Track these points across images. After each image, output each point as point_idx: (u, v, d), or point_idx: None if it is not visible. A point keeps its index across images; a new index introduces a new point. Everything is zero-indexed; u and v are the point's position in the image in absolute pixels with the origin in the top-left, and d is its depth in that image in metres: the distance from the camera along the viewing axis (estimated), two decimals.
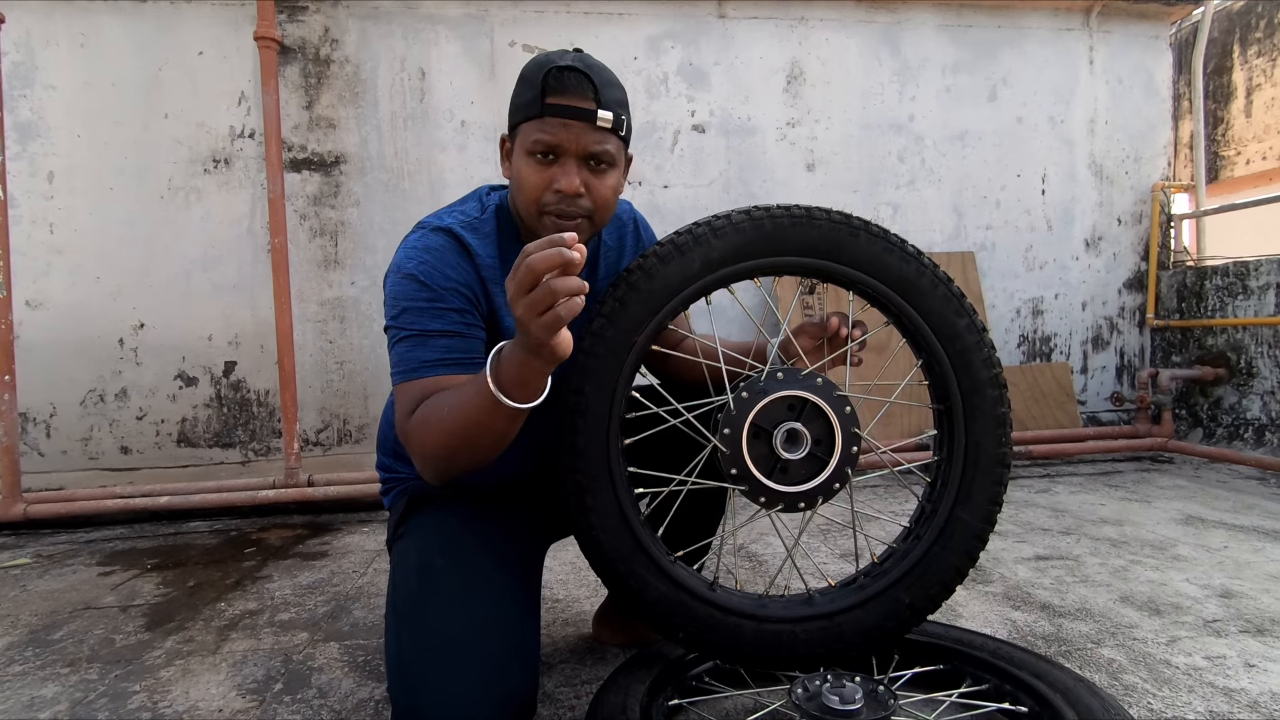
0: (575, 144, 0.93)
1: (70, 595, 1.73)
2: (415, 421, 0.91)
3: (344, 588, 1.73)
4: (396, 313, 0.97)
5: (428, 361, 0.94)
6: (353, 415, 2.76)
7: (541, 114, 0.92)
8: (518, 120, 0.96)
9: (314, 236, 2.72)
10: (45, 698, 1.22)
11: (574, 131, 0.92)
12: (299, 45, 2.70)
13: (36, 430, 2.58)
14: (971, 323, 1.04)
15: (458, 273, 0.98)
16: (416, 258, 0.97)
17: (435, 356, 0.95)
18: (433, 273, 0.96)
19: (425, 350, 0.94)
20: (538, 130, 0.93)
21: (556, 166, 0.94)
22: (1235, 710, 1.08)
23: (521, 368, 0.80)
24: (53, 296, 2.57)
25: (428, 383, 0.94)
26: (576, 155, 0.94)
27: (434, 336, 0.95)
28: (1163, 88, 3.34)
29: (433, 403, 0.90)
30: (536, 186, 0.95)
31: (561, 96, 0.92)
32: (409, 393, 0.94)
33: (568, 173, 0.93)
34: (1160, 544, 1.90)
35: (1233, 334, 3.04)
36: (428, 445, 0.89)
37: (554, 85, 0.92)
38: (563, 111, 0.92)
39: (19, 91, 2.54)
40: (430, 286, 0.95)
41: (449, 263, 0.97)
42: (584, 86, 0.92)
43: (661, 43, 2.94)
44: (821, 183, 3.07)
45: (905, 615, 1.04)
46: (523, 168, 0.96)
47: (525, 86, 0.95)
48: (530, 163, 0.95)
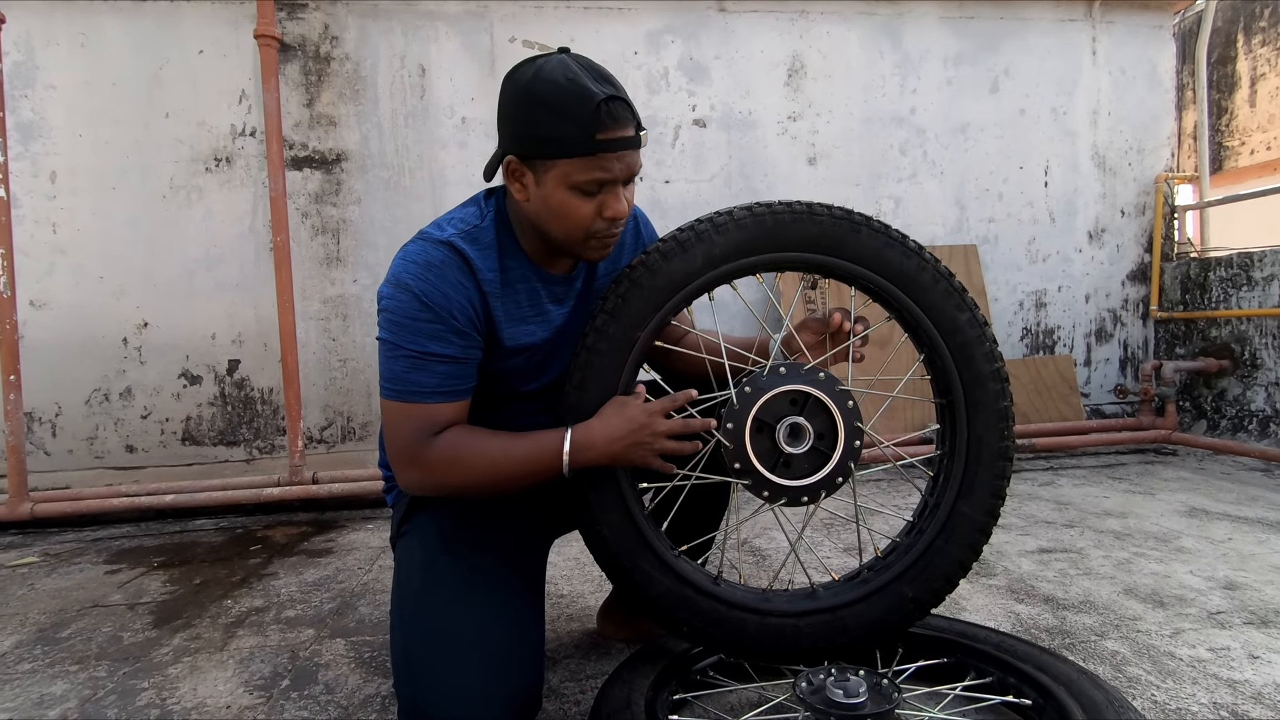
0: (625, 171, 0.93)
1: (78, 593, 1.74)
2: (443, 453, 0.95)
3: (349, 584, 1.74)
4: (395, 328, 0.95)
5: (426, 388, 0.95)
6: (356, 412, 2.77)
7: (594, 152, 0.89)
8: (556, 154, 0.91)
9: (316, 234, 2.73)
10: (54, 695, 1.23)
11: (625, 162, 0.93)
12: (299, 43, 2.69)
13: (42, 430, 2.59)
14: (973, 317, 1.04)
15: (458, 291, 0.96)
16: (417, 274, 0.95)
17: (434, 383, 0.95)
18: (433, 291, 0.94)
19: (424, 374, 0.95)
20: (591, 169, 0.91)
21: (605, 195, 0.94)
22: (1239, 702, 1.08)
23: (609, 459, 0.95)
24: (56, 296, 2.58)
25: (423, 409, 0.95)
26: (624, 180, 0.95)
27: (433, 361, 0.95)
28: (1166, 78, 3.32)
29: (471, 442, 0.96)
30: (587, 217, 0.94)
31: (612, 131, 0.89)
32: (406, 414, 0.95)
33: (618, 200, 0.94)
34: (1164, 536, 1.90)
35: (1237, 325, 3.03)
36: (460, 481, 0.96)
37: (607, 122, 0.89)
38: (617, 145, 0.90)
39: (20, 91, 2.54)
40: (431, 307, 0.94)
41: (449, 281, 0.96)
42: (626, 114, 0.91)
43: (661, 37, 2.93)
44: (823, 177, 3.06)
45: (909, 609, 1.04)
46: (566, 200, 0.93)
47: (560, 119, 0.89)
48: (576, 195, 0.93)
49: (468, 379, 0.99)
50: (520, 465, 0.95)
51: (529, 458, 0.94)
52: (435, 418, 0.96)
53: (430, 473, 0.96)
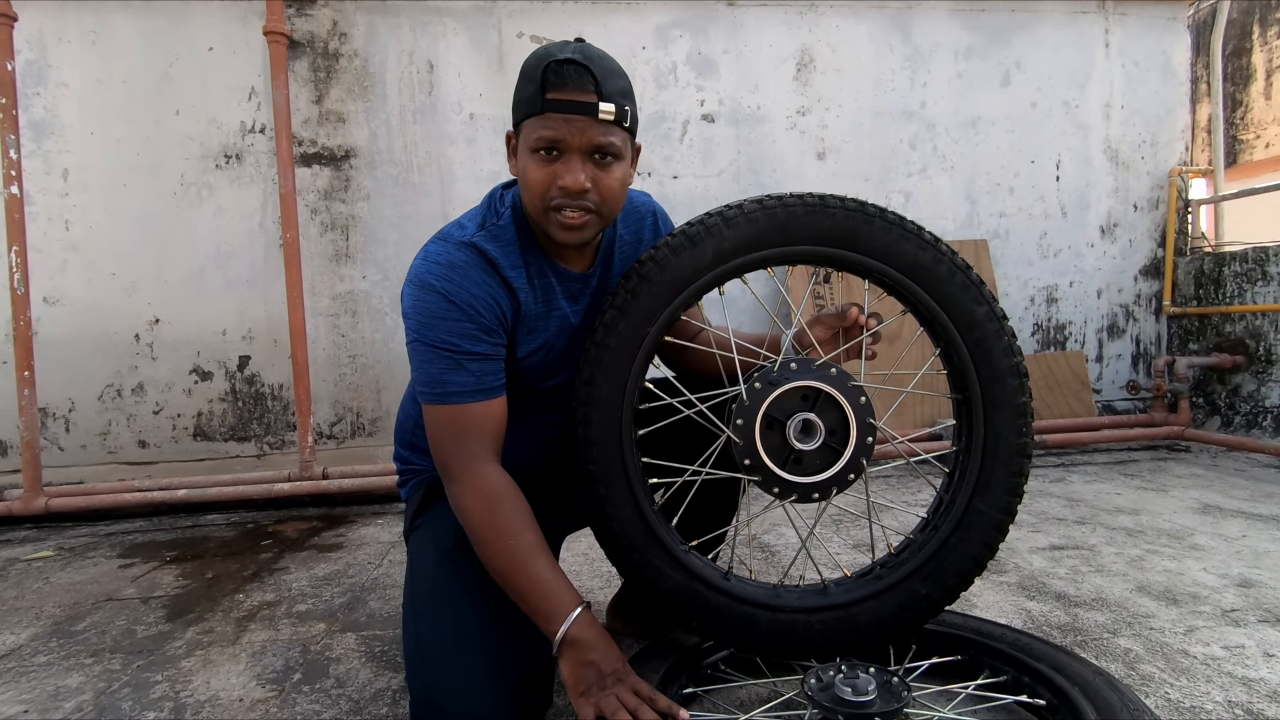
0: (579, 139, 0.90)
1: (92, 587, 1.76)
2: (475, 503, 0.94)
3: (360, 579, 1.75)
4: (425, 329, 0.95)
5: (465, 388, 0.95)
6: (366, 408, 2.78)
7: (543, 110, 0.90)
8: (520, 116, 0.94)
9: (325, 231, 2.73)
10: (70, 687, 1.24)
11: (577, 126, 0.90)
12: (308, 39, 2.70)
13: (56, 425, 2.61)
14: (991, 310, 1.02)
15: (483, 290, 0.96)
16: (441, 274, 0.95)
17: (471, 383, 0.95)
18: (459, 291, 0.94)
19: (460, 374, 0.95)
20: (540, 127, 0.90)
21: (560, 163, 0.92)
22: (1254, 700, 1.07)
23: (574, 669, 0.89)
24: (69, 293, 2.60)
25: (464, 410, 0.95)
26: (580, 150, 0.91)
27: (468, 359, 0.95)
28: (1180, 70, 3.28)
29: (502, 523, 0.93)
30: (541, 184, 0.93)
31: (562, 91, 0.89)
32: (448, 417, 0.95)
33: (572, 169, 0.91)
34: (1177, 533, 1.88)
35: (1251, 321, 3.00)
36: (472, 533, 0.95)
37: (554, 80, 0.89)
38: (564, 106, 0.89)
39: (33, 89, 2.56)
40: (458, 305, 0.94)
41: (474, 280, 0.96)
42: (584, 79, 0.89)
43: (670, 32, 2.92)
44: (832, 171, 3.04)
45: (922, 606, 1.03)
46: (527, 165, 0.93)
47: (526, 82, 0.93)
48: (534, 160, 0.92)
49: (500, 374, 1.00)
50: (522, 591, 0.92)
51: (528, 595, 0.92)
52: (475, 418, 0.96)
53: (456, 499, 0.96)
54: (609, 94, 0.91)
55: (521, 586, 0.92)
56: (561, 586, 0.92)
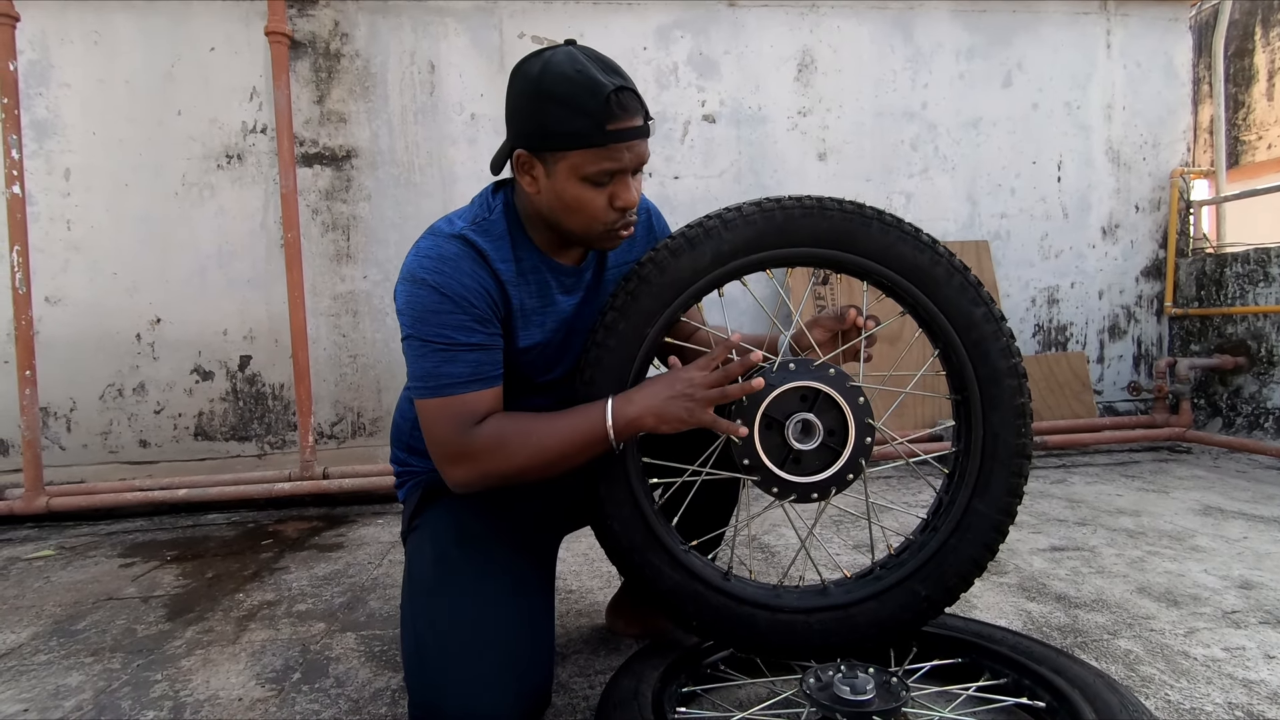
0: (635, 162, 0.94)
1: (93, 586, 1.76)
2: (488, 441, 0.94)
3: (360, 579, 1.75)
4: (418, 323, 0.95)
5: (459, 378, 0.94)
6: (366, 408, 2.78)
7: (606, 142, 0.90)
8: (566, 146, 0.91)
9: (326, 231, 2.74)
10: (70, 686, 1.24)
11: (635, 152, 0.94)
12: (309, 40, 2.70)
13: (57, 424, 2.61)
14: (989, 311, 1.02)
15: (475, 280, 0.96)
16: (432, 267, 0.95)
17: (466, 373, 0.95)
18: (450, 283, 0.94)
19: (455, 365, 0.94)
20: (605, 159, 0.91)
21: (616, 184, 0.94)
22: (1255, 702, 1.07)
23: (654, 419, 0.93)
24: (71, 293, 2.61)
25: (460, 401, 0.94)
26: (634, 170, 0.95)
27: (462, 350, 0.95)
28: (1182, 71, 3.28)
29: (515, 426, 0.95)
30: (600, 209, 0.95)
31: (622, 121, 0.90)
32: (444, 409, 0.95)
33: (628, 189, 0.95)
34: (1178, 535, 1.88)
35: (1253, 322, 2.99)
36: (509, 466, 0.94)
37: (617, 112, 0.90)
38: (627, 135, 0.91)
39: (35, 90, 2.56)
40: (450, 297, 0.94)
41: (465, 271, 0.96)
42: (635, 105, 0.92)
43: (671, 32, 2.92)
44: (833, 172, 3.04)
45: (921, 607, 1.03)
46: (580, 193, 0.94)
47: (569, 112, 0.89)
48: (587, 188, 0.94)
49: (497, 365, 0.99)
50: (566, 441, 0.93)
51: (574, 432, 0.93)
52: (473, 407, 0.95)
53: (478, 462, 0.94)
54: (645, 109, 0.95)
55: (560, 435, 0.94)
56: (580, 408, 0.96)
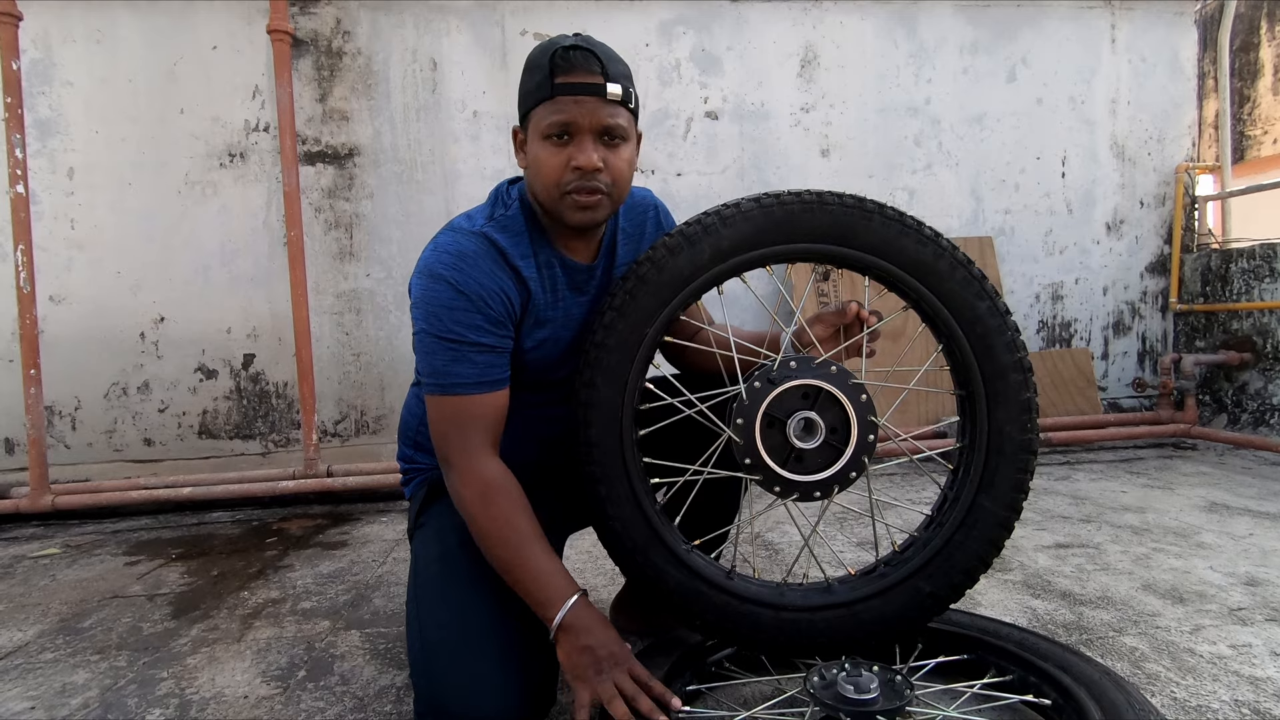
0: (589, 119, 0.93)
1: (98, 584, 1.77)
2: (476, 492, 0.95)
3: (364, 576, 1.75)
4: (432, 318, 0.96)
5: (468, 379, 0.96)
6: (370, 406, 2.78)
7: (553, 94, 0.92)
8: (529, 106, 0.97)
9: (329, 229, 2.74)
10: (76, 684, 1.24)
11: (587, 107, 0.93)
12: (311, 38, 2.70)
13: (62, 423, 2.62)
14: (993, 306, 1.02)
15: (492, 281, 0.97)
16: (451, 264, 0.96)
17: (475, 374, 0.96)
18: (468, 281, 0.95)
19: (464, 365, 0.95)
20: (551, 112, 0.93)
21: (573, 145, 0.94)
22: (1261, 699, 1.07)
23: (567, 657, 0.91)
24: (75, 291, 2.61)
25: (466, 401, 0.96)
26: (591, 131, 0.94)
27: (473, 350, 0.96)
28: (1187, 66, 3.26)
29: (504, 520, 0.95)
30: (555, 168, 0.94)
31: (570, 74, 0.92)
32: (450, 409, 0.96)
33: (584, 149, 0.93)
34: (1183, 531, 1.87)
35: (1259, 318, 2.98)
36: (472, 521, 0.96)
37: (562, 65, 0.92)
38: (573, 89, 0.92)
39: (38, 88, 2.56)
40: (466, 294, 0.95)
41: (484, 270, 0.97)
42: (591, 62, 0.93)
43: (673, 28, 2.91)
44: (836, 168, 3.03)
45: (926, 604, 1.03)
46: (539, 152, 0.95)
47: (532, 72, 0.96)
48: (546, 146, 0.95)
49: (505, 367, 1.00)
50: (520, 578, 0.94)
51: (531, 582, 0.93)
52: (478, 411, 0.97)
53: (458, 499, 0.97)
54: (613, 75, 0.94)
55: (519, 575, 0.93)
56: (558, 574, 0.94)
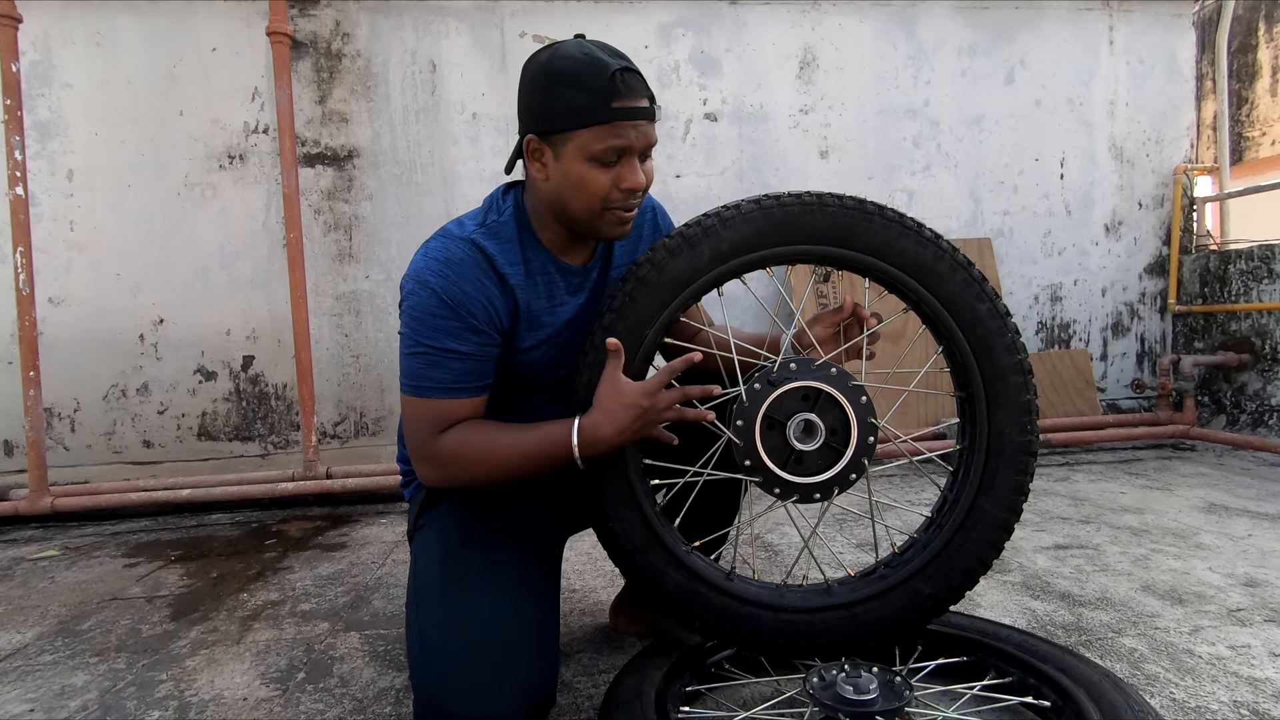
0: (642, 142, 0.95)
1: (97, 586, 1.77)
2: (449, 448, 0.97)
3: (363, 578, 1.75)
4: (414, 323, 0.97)
5: (440, 383, 0.97)
6: (369, 408, 2.78)
7: (611, 119, 0.91)
8: (573, 125, 0.92)
9: (328, 231, 2.74)
10: (75, 686, 1.24)
11: (641, 130, 0.94)
12: (311, 40, 2.70)
13: (61, 425, 2.62)
14: (993, 307, 1.02)
15: (477, 289, 0.97)
16: (437, 270, 0.96)
17: (449, 379, 0.97)
18: (452, 289, 0.96)
19: (439, 370, 0.97)
20: (609, 136, 0.92)
21: (623, 166, 0.95)
22: (1260, 700, 1.07)
23: (620, 440, 0.95)
24: (74, 293, 2.61)
25: (437, 404, 0.98)
26: (640, 152, 0.96)
27: (449, 357, 0.97)
28: (1185, 68, 3.26)
29: (477, 438, 0.98)
30: (603, 187, 0.95)
31: (627, 100, 0.92)
32: (422, 409, 0.98)
33: (635, 171, 0.95)
34: (1182, 532, 1.87)
35: (1257, 319, 2.98)
36: (467, 473, 0.99)
37: (622, 90, 0.91)
38: (632, 114, 0.92)
39: (38, 91, 2.57)
40: (449, 303, 0.96)
41: (468, 278, 0.97)
42: (641, 86, 0.94)
43: (673, 30, 2.91)
44: (835, 170, 3.04)
45: (926, 606, 1.03)
46: (584, 171, 0.94)
47: (574, 90, 0.91)
48: (593, 166, 0.94)
49: (484, 376, 1.01)
50: (527, 458, 0.97)
51: (536, 448, 0.96)
52: (448, 413, 0.98)
53: (439, 466, 0.99)
54: (651, 94, 0.96)
55: (520, 451, 0.96)
56: (548, 424, 0.97)
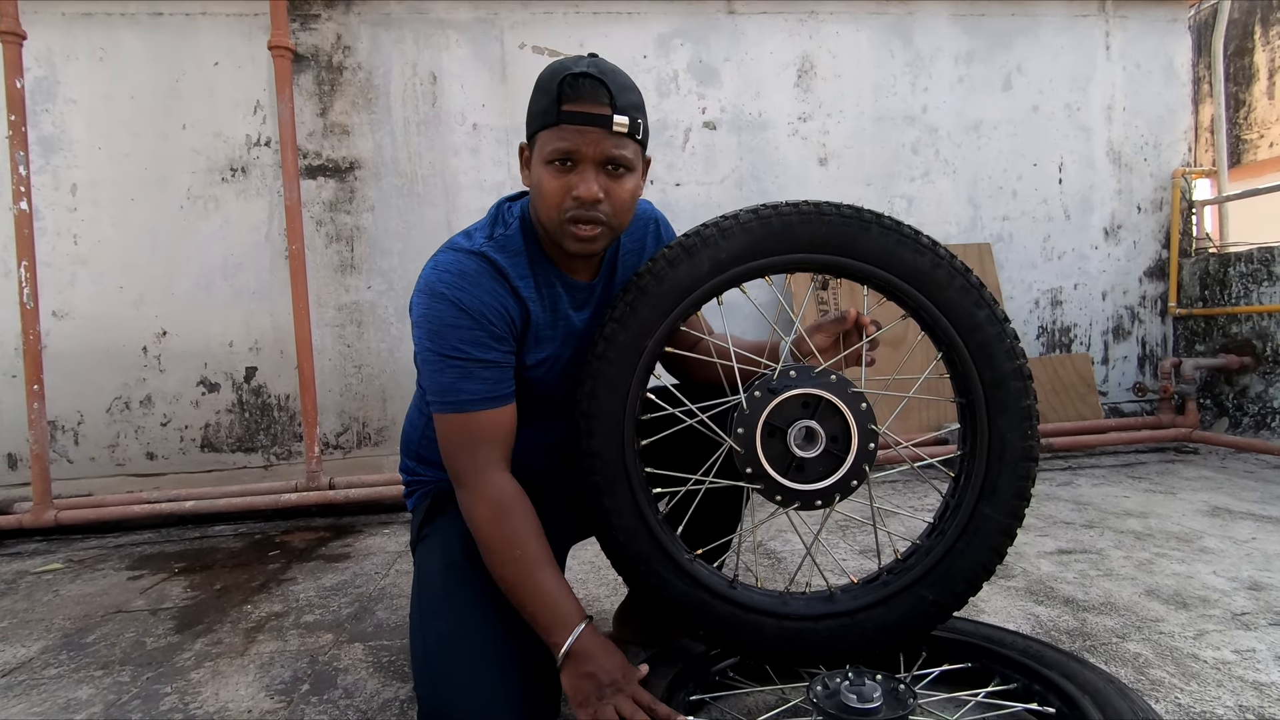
0: (593, 150, 0.92)
1: (101, 599, 1.77)
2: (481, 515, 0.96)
3: (367, 589, 1.75)
4: (436, 337, 0.96)
5: (476, 395, 0.96)
6: (372, 418, 2.79)
7: (558, 122, 0.92)
8: (535, 128, 0.96)
9: (330, 242, 2.75)
10: (80, 700, 1.24)
11: (591, 138, 0.92)
12: (312, 53, 2.73)
13: (65, 438, 2.63)
14: (992, 314, 1.02)
15: (493, 298, 0.98)
16: (452, 282, 0.96)
17: (482, 391, 0.96)
18: (469, 299, 0.96)
19: (472, 382, 0.96)
20: (556, 139, 0.92)
21: (575, 174, 0.93)
22: (1266, 705, 1.07)
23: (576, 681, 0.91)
24: (78, 306, 2.62)
25: (474, 419, 0.96)
26: (594, 161, 0.93)
27: (478, 366, 0.96)
28: (1182, 71, 3.28)
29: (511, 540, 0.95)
30: (556, 194, 0.94)
31: (577, 104, 0.91)
32: (460, 426, 0.97)
33: (586, 179, 0.93)
34: (1186, 536, 1.87)
35: (1258, 321, 2.98)
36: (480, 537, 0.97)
37: (570, 93, 0.91)
38: (579, 119, 0.91)
39: (41, 106, 2.59)
40: (468, 312, 0.95)
41: (484, 288, 0.97)
42: (599, 92, 0.91)
43: (671, 41, 2.93)
44: (834, 177, 3.05)
45: (929, 612, 1.03)
46: (542, 176, 0.95)
47: (541, 94, 0.95)
48: (549, 171, 0.94)
49: (511, 382, 1.01)
50: (522, 603, 0.94)
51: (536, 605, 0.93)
52: (487, 428, 0.97)
53: (469, 518, 0.98)
54: (622, 107, 0.93)
55: (526, 598, 0.93)
56: (566, 599, 0.93)
